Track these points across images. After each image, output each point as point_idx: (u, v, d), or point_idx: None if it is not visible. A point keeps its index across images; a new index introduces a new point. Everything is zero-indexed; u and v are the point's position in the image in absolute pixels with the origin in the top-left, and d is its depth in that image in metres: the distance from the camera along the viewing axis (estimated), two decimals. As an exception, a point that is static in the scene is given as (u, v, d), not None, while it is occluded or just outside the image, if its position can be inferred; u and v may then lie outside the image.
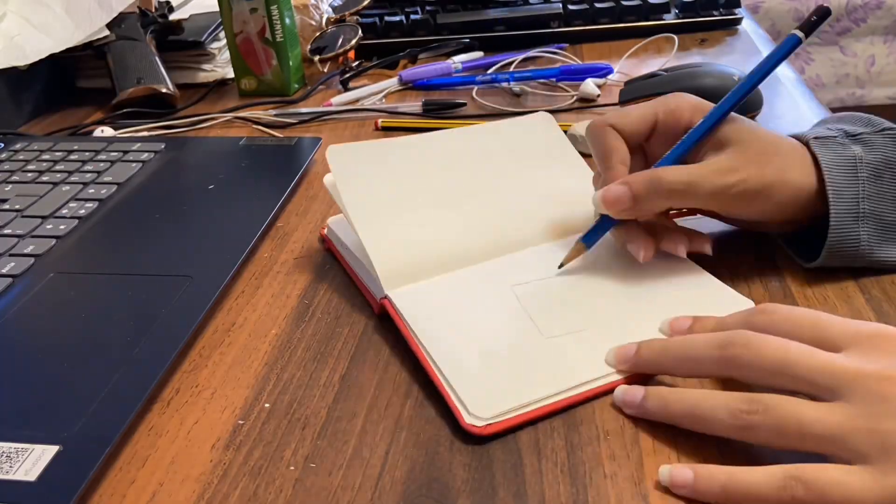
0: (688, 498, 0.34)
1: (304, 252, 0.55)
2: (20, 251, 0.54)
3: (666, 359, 0.40)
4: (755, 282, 0.48)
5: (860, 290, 0.46)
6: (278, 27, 0.81)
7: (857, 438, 0.32)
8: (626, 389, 0.39)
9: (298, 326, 0.47)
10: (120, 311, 0.47)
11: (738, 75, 0.68)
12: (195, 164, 0.68)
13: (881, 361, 0.34)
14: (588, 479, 0.35)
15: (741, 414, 0.34)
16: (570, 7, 0.94)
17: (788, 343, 0.36)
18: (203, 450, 0.38)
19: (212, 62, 0.89)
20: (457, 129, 0.57)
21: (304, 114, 0.77)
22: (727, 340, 0.37)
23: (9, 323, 0.47)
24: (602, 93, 0.77)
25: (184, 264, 0.51)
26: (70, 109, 0.85)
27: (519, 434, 0.38)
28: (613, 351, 0.41)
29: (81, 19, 0.81)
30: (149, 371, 0.42)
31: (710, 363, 0.38)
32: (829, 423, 0.33)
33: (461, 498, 0.35)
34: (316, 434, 0.39)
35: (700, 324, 0.42)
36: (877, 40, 2.06)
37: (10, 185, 0.64)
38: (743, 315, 0.40)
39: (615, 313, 0.45)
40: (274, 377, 0.43)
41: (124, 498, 0.36)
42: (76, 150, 0.69)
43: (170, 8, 0.90)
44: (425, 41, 0.92)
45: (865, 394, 0.33)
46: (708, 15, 0.95)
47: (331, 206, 0.61)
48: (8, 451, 0.36)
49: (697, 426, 0.36)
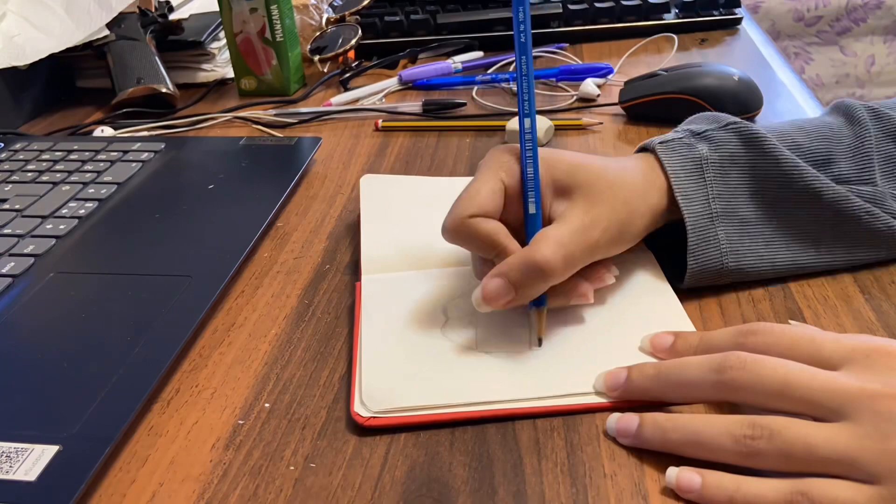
0: (691, 501, 0.34)
1: (304, 252, 0.55)
2: (20, 251, 0.54)
3: (659, 384, 0.38)
4: (755, 282, 0.47)
5: (860, 290, 0.46)
6: (278, 27, 0.81)
7: (866, 459, 0.32)
8: (620, 417, 0.37)
9: (298, 326, 0.47)
10: (120, 311, 0.47)
11: (738, 75, 0.68)
12: (195, 164, 0.68)
13: (882, 379, 0.33)
14: (588, 478, 0.35)
15: (745, 440, 0.34)
16: (570, 7, 0.94)
17: (787, 364, 0.35)
18: (203, 450, 0.38)
19: (212, 62, 0.89)
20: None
21: (303, 114, 0.77)
22: (723, 363, 0.36)
23: (9, 323, 0.47)
24: (602, 93, 0.77)
25: (184, 264, 0.51)
26: (70, 109, 0.85)
27: (519, 434, 0.38)
28: (602, 376, 0.40)
29: (81, 19, 0.81)
30: (149, 371, 0.42)
31: (707, 387, 0.37)
32: (837, 444, 0.32)
33: (461, 498, 0.35)
34: (316, 434, 0.39)
35: (683, 339, 0.41)
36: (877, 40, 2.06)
37: (10, 185, 0.64)
38: (732, 334, 0.39)
39: (564, 336, 0.44)
40: (274, 377, 0.43)
41: (124, 498, 0.36)
42: (76, 150, 0.69)
43: (170, 8, 0.90)
44: (425, 41, 0.92)
45: (871, 413, 0.32)
46: (708, 15, 0.95)
47: (331, 205, 0.61)
48: (8, 451, 0.36)
49: (699, 454, 0.35)
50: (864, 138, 0.48)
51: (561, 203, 0.44)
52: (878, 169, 0.48)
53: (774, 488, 0.32)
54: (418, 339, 0.44)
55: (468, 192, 0.44)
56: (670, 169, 0.46)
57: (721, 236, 0.46)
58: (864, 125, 0.48)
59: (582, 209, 0.43)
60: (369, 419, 0.39)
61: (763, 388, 0.35)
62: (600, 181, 0.44)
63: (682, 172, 0.46)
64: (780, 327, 0.38)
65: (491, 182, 0.44)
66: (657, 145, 0.48)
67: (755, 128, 0.47)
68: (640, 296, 0.46)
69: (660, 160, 0.47)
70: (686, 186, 0.46)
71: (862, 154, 0.48)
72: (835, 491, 0.32)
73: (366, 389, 0.40)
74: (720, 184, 0.46)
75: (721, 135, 0.47)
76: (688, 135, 0.48)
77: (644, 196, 0.45)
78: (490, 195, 0.43)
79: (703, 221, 0.46)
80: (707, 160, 0.47)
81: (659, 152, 0.47)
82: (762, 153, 0.47)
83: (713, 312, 0.45)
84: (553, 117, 0.70)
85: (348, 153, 0.70)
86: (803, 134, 0.48)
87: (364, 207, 0.57)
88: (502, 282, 0.41)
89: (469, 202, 0.43)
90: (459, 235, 0.43)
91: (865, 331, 0.43)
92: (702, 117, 0.50)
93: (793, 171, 0.46)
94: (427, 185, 0.60)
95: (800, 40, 2.02)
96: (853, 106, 0.50)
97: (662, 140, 0.48)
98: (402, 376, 0.41)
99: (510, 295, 0.41)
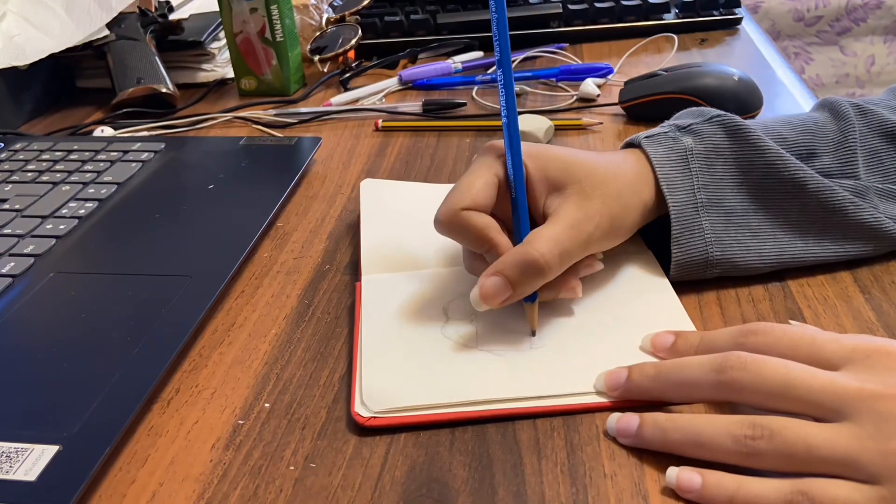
0: (691, 501, 0.34)
1: (304, 252, 0.55)
2: (20, 251, 0.54)
3: (659, 384, 0.38)
4: (755, 282, 0.47)
5: (860, 290, 0.46)
6: (278, 27, 0.81)
7: (867, 459, 0.32)
8: (620, 417, 0.37)
9: (298, 326, 0.47)
10: (120, 311, 0.47)
11: (738, 75, 0.68)
12: (195, 163, 0.68)
13: (882, 379, 0.33)
14: (588, 478, 0.35)
15: (746, 440, 0.34)
16: (570, 7, 0.94)
17: (788, 364, 0.35)
18: (203, 450, 0.38)
19: (212, 62, 0.89)
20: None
21: (303, 114, 0.77)
22: (724, 363, 0.36)
23: (9, 323, 0.47)
24: (602, 93, 0.77)
25: (184, 264, 0.51)
26: (70, 109, 0.85)
27: (519, 434, 0.38)
28: (603, 376, 0.40)
29: (81, 19, 0.81)
30: (149, 371, 0.42)
31: (708, 387, 0.37)
32: (837, 445, 0.32)
33: (461, 498, 0.35)
34: (316, 434, 0.39)
35: (684, 339, 0.41)
36: (877, 40, 2.06)
37: (10, 185, 0.64)
38: (733, 334, 0.39)
39: (564, 335, 0.44)
40: (274, 377, 0.43)
41: (124, 498, 0.36)
42: (76, 150, 0.69)
43: (170, 8, 0.90)
44: (425, 41, 0.92)
45: (872, 414, 0.32)
46: (708, 15, 0.95)
47: (331, 205, 0.61)
48: (8, 451, 0.36)
49: (699, 454, 0.35)
50: (848, 133, 0.48)
51: (554, 199, 0.44)
52: (861, 163, 0.48)
53: (775, 488, 0.32)
54: (418, 339, 0.44)
55: (462, 185, 0.44)
56: (656, 161, 0.47)
57: (706, 226, 0.46)
58: (848, 120, 0.49)
59: (575, 204, 0.43)
60: (370, 419, 0.39)
61: (764, 388, 0.35)
62: (593, 176, 0.45)
63: (668, 164, 0.47)
64: (781, 327, 0.38)
65: (485, 176, 0.44)
66: (643, 140, 0.48)
67: (740, 120, 0.48)
68: (640, 295, 0.46)
69: (646, 153, 0.47)
70: (671, 177, 0.46)
71: (846, 148, 0.48)
72: (835, 491, 0.32)
73: (366, 390, 0.40)
74: (705, 174, 0.47)
75: (706, 127, 0.48)
76: (673, 129, 0.49)
77: (635, 190, 0.46)
78: (484, 189, 0.44)
79: (688, 211, 0.46)
80: (692, 151, 0.47)
81: (644, 146, 0.48)
82: (747, 144, 0.47)
83: (713, 312, 0.45)
84: (553, 117, 0.71)
85: (348, 153, 0.70)
86: (789, 127, 0.49)
87: (364, 209, 0.57)
88: (499, 280, 0.42)
89: (462, 195, 0.44)
90: (451, 227, 0.44)
91: (865, 331, 0.43)
92: (688, 112, 0.51)
93: (777, 162, 0.47)
94: (426, 191, 0.60)
95: (800, 40, 2.02)
96: (839, 102, 0.50)
97: (648, 135, 0.49)
98: (402, 376, 0.41)
99: (507, 293, 0.42)
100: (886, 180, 0.48)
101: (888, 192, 0.48)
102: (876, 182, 0.48)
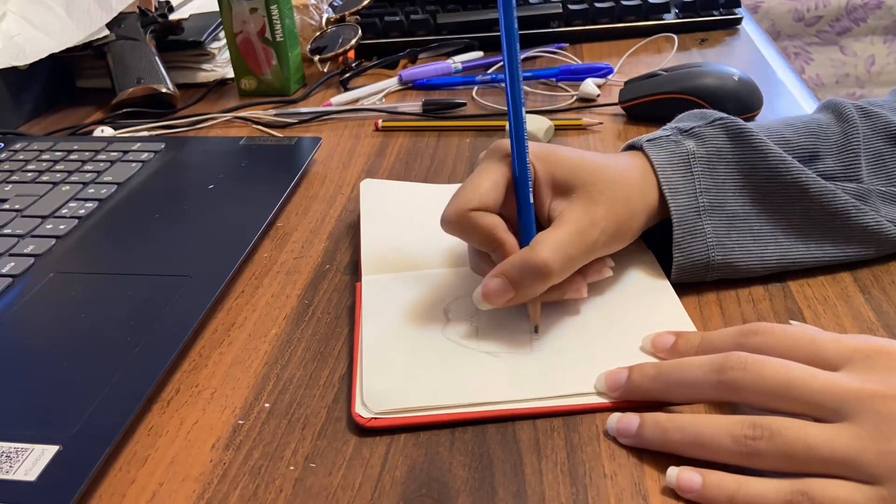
0: (691, 501, 0.34)
1: (304, 252, 0.55)
2: (20, 251, 0.54)
3: (660, 384, 0.38)
4: (755, 282, 0.47)
5: (860, 290, 0.46)
6: (278, 27, 0.81)
7: (867, 459, 0.32)
8: (621, 417, 0.37)
9: (298, 326, 0.47)
10: (120, 311, 0.47)
11: (738, 75, 0.68)
12: (195, 164, 0.68)
13: (882, 380, 0.33)
14: (588, 478, 0.35)
15: (745, 440, 0.34)
16: (570, 7, 0.94)
17: (788, 364, 0.35)
18: (203, 450, 0.38)
19: (212, 62, 0.89)
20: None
21: (303, 114, 0.77)
22: (724, 364, 0.36)
23: (9, 323, 0.47)
24: (602, 93, 0.77)
25: (184, 264, 0.51)
26: (70, 109, 0.85)
27: (519, 434, 0.38)
28: (603, 376, 0.40)
29: (81, 19, 0.81)
30: (149, 371, 0.42)
31: (708, 388, 0.37)
32: (837, 445, 0.32)
33: (461, 498, 0.35)
34: (316, 434, 0.39)
35: (684, 339, 0.41)
36: (877, 40, 2.06)
37: (10, 185, 0.64)
38: (733, 334, 0.39)
39: (564, 335, 0.44)
40: (274, 377, 0.43)
41: (124, 498, 0.36)
42: (76, 150, 0.69)
43: (170, 8, 0.90)
44: (425, 41, 0.92)
45: (872, 414, 0.32)
46: (708, 15, 0.95)
47: (331, 205, 0.61)
48: (8, 451, 0.36)
49: (700, 454, 0.35)
50: (851, 135, 0.48)
51: (560, 202, 0.44)
52: (865, 166, 0.48)
53: (775, 488, 0.32)
54: (419, 340, 0.44)
55: (470, 185, 0.44)
56: (658, 164, 0.47)
57: (708, 230, 0.46)
58: (852, 122, 0.49)
59: (582, 209, 0.43)
60: (371, 420, 0.39)
61: (764, 388, 0.35)
62: (600, 181, 0.44)
63: (670, 167, 0.47)
64: (781, 328, 0.38)
65: (493, 176, 0.44)
66: (645, 143, 0.48)
67: (742, 123, 0.47)
68: (641, 296, 0.46)
69: (648, 157, 0.47)
70: (673, 180, 0.46)
71: (849, 151, 0.48)
72: (835, 491, 0.32)
73: (367, 390, 0.40)
74: (707, 178, 0.47)
75: (708, 131, 0.48)
76: (675, 132, 0.48)
77: (642, 194, 0.46)
78: (491, 189, 0.44)
79: (690, 215, 0.46)
80: (694, 155, 0.47)
81: (646, 149, 0.47)
82: (749, 148, 0.47)
83: (713, 312, 0.45)
84: (553, 117, 0.70)
85: (348, 153, 0.70)
86: (791, 130, 0.49)
87: (364, 210, 0.57)
88: (503, 281, 0.42)
89: (471, 195, 0.43)
90: (460, 228, 0.44)
91: (865, 331, 0.43)
92: (690, 115, 0.50)
93: (779, 165, 0.46)
94: (426, 191, 0.60)
95: (800, 40, 2.02)
96: (842, 104, 0.50)
97: (650, 138, 0.48)
98: (402, 377, 0.41)
99: (510, 294, 0.42)
100: (889, 183, 0.48)
101: (891, 196, 0.48)
102: (879, 185, 0.48)
